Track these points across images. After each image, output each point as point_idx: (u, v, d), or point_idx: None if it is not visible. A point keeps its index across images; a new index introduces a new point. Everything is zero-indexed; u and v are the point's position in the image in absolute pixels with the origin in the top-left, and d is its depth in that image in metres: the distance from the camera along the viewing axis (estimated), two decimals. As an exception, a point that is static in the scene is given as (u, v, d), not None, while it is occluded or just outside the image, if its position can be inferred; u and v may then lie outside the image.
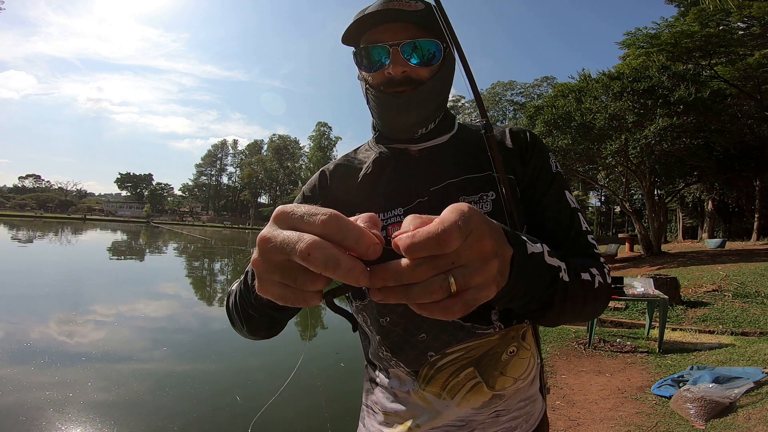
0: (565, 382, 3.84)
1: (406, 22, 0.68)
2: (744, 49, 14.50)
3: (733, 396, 3.03)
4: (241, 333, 0.69)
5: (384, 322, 0.70)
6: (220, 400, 3.53)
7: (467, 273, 0.32)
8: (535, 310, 0.54)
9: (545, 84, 49.87)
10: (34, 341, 4.83)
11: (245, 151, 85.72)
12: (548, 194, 0.71)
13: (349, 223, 0.30)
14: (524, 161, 0.73)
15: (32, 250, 16.44)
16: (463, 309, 0.33)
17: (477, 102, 0.70)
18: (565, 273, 0.54)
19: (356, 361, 0.66)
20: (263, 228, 0.33)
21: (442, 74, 0.72)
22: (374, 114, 0.77)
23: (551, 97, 14.37)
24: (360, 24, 0.70)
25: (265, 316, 0.60)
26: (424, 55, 0.69)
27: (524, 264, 0.44)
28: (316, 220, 0.30)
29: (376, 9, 0.68)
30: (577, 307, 0.58)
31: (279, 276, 0.32)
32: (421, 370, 0.67)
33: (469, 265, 0.33)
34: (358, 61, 0.73)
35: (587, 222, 0.73)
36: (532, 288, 0.48)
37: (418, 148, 0.75)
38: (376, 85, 0.71)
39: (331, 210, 0.30)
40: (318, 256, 0.28)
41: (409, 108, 0.70)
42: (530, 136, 0.75)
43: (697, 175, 14.23)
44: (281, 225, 0.32)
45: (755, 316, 5.76)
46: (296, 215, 0.31)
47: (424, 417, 0.67)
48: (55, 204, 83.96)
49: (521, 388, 0.69)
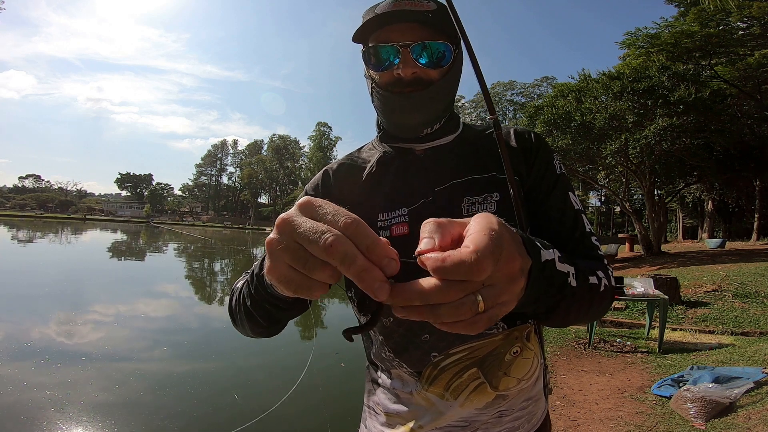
0: (565, 382, 3.85)
1: (416, 22, 0.68)
2: (744, 49, 14.50)
3: (733, 396, 3.03)
4: (242, 330, 0.69)
5: (387, 322, 0.70)
6: (221, 400, 3.53)
7: (495, 293, 0.33)
8: (541, 314, 0.54)
9: (545, 84, 49.89)
10: (34, 341, 4.83)
11: (245, 151, 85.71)
12: (552, 195, 0.71)
13: (368, 231, 0.31)
14: (528, 162, 0.73)
15: (32, 250, 16.44)
16: (487, 324, 0.33)
17: (486, 99, 0.69)
18: (574, 278, 0.54)
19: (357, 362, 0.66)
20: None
21: (450, 76, 0.72)
22: (380, 112, 0.76)
23: (551, 97, 14.36)
24: (370, 22, 0.69)
25: (266, 312, 0.60)
26: (433, 56, 0.69)
27: (540, 275, 0.45)
28: (340, 221, 0.31)
29: (386, 9, 0.67)
30: (582, 310, 0.59)
31: (289, 258, 0.32)
32: (424, 371, 0.67)
33: (497, 285, 0.33)
34: (366, 59, 0.72)
35: (590, 224, 0.73)
36: (543, 295, 0.49)
37: (422, 147, 0.75)
38: (384, 84, 0.71)
39: (355, 216, 0.32)
40: (339, 250, 0.30)
41: (417, 108, 0.70)
42: (535, 137, 0.75)
43: (697, 175, 14.22)
44: (306, 214, 0.33)
45: (755, 316, 5.76)
46: (323, 210, 0.32)
47: (426, 418, 0.67)
48: (55, 204, 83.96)
49: (525, 388, 0.68)
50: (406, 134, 0.75)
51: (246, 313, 0.63)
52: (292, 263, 0.33)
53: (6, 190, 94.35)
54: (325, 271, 0.31)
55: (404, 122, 0.73)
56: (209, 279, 12.07)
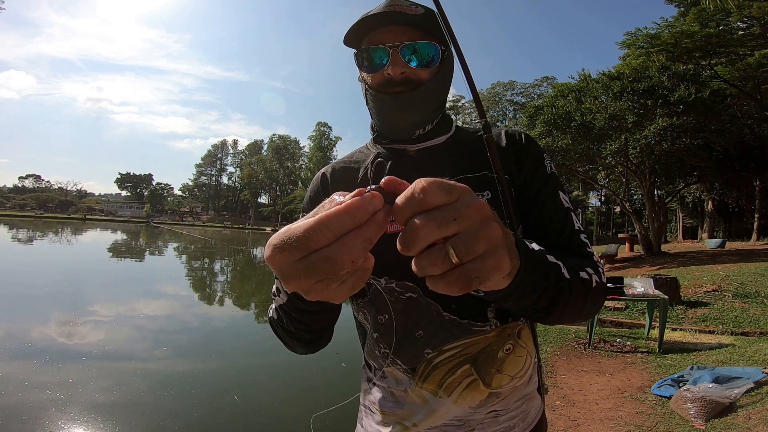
0: (565, 382, 3.85)
1: (406, 25, 0.70)
2: (744, 49, 14.48)
3: (733, 396, 3.03)
4: (293, 347, 0.73)
5: (382, 319, 0.70)
6: (221, 399, 3.54)
7: (467, 240, 0.30)
8: (542, 308, 0.54)
9: (545, 84, 49.91)
10: (35, 341, 4.84)
11: (245, 151, 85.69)
12: (543, 194, 0.72)
13: (336, 213, 0.29)
14: (519, 162, 0.74)
15: (32, 250, 16.45)
16: (466, 283, 0.30)
17: (476, 103, 0.71)
18: (566, 270, 0.55)
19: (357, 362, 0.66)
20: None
21: (440, 76, 0.74)
22: (373, 114, 0.78)
23: (551, 97, 14.36)
24: (362, 26, 0.71)
25: (306, 323, 0.64)
26: (423, 57, 0.71)
27: (530, 253, 0.44)
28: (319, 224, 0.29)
29: (377, 11, 0.69)
30: (578, 305, 0.59)
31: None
32: (418, 368, 0.68)
33: (468, 231, 0.30)
34: (359, 62, 0.75)
35: (580, 222, 0.74)
36: (543, 282, 0.49)
37: (415, 148, 0.77)
38: (376, 85, 0.73)
39: (312, 215, 0.30)
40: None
41: (408, 108, 0.72)
42: (525, 138, 0.77)
43: (697, 175, 14.22)
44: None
45: (755, 316, 5.76)
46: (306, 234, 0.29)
47: (420, 415, 0.68)
48: (55, 204, 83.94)
49: (518, 386, 0.69)
50: (399, 135, 0.76)
51: (289, 334, 0.67)
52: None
53: (6, 190, 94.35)
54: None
55: (396, 123, 0.74)
56: (209, 279, 12.08)
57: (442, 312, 0.67)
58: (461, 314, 0.67)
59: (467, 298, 0.66)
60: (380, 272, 0.69)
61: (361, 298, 0.74)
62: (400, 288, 0.69)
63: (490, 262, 0.31)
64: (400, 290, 0.69)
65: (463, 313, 0.67)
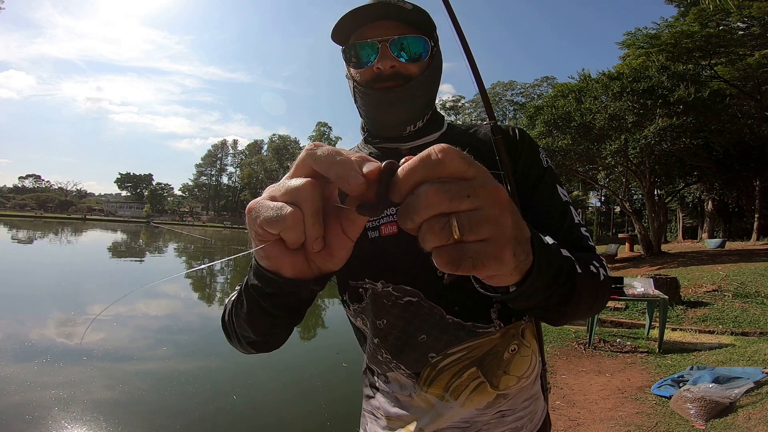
0: (565, 382, 3.86)
1: (395, 20, 0.69)
2: (744, 49, 14.48)
3: (733, 396, 3.04)
4: (238, 343, 0.63)
5: (381, 324, 0.69)
6: (222, 399, 3.54)
7: (474, 219, 0.28)
8: (554, 305, 0.51)
9: (545, 84, 49.85)
10: (36, 341, 4.84)
11: (245, 151, 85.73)
12: (539, 188, 0.72)
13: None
14: (514, 157, 0.73)
15: (32, 250, 16.44)
16: (462, 263, 0.28)
17: (485, 104, 0.71)
18: (577, 265, 0.53)
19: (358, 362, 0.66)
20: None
21: (429, 71, 0.72)
22: (362, 112, 0.77)
23: (551, 97, 14.37)
24: (349, 21, 0.69)
25: (266, 308, 0.52)
26: (412, 51, 0.69)
27: (545, 247, 0.42)
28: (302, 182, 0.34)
29: (366, 4, 0.68)
30: (590, 301, 0.57)
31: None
32: (423, 372, 0.67)
33: (478, 210, 0.28)
34: (347, 58, 0.73)
35: (579, 216, 0.73)
36: (556, 278, 0.46)
37: (408, 146, 0.75)
38: (365, 81, 0.71)
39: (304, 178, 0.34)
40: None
41: (399, 103, 0.70)
42: (519, 133, 0.76)
43: (697, 175, 14.25)
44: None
45: (755, 316, 5.77)
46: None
47: (426, 419, 0.67)
48: (55, 204, 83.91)
49: (525, 386, 0.69)
50: (390, 133, 0.75)
51: (246, 319, 0.54)
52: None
53: (6, 190, 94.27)
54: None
55: (386, 119, 0.72)
56: (209, 279, 12.08)
57: (445, 315, 0.66)
58: (465, 317, 0.66)
59: (470, 300, 0.65)
60: (376, 276, 0.68)
61: (358, 303, 0.72)
62: (397, 292, 0.67)
63: (491, 249, 0.29)
64: (398, 294, 0.67)
65: (466, 316, 0.66)
